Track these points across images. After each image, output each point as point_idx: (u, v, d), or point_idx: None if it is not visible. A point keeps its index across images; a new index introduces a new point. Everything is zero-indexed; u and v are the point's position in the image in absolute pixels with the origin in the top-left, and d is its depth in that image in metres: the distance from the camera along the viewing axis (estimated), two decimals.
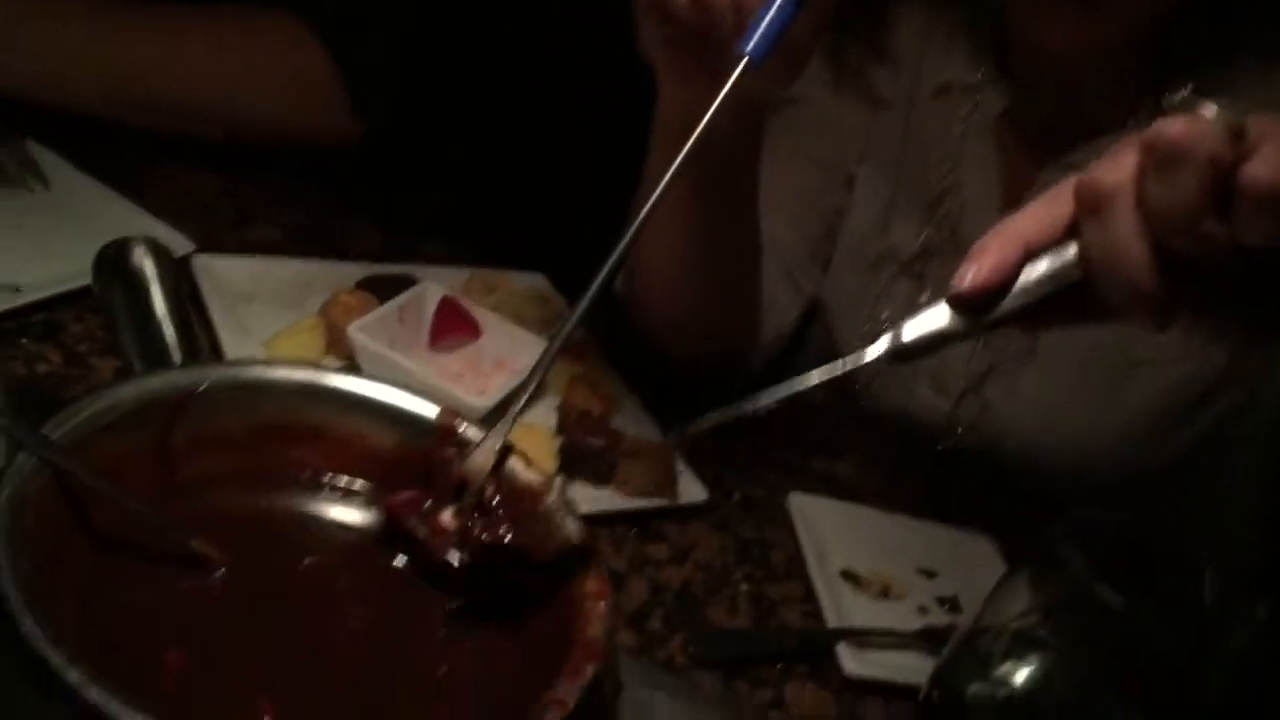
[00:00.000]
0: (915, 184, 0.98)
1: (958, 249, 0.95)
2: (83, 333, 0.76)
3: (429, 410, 0.51)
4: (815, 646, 0.72)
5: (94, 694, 0.33)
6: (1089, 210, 0.45)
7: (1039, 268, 0.46)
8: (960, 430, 0.99)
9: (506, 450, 0.49)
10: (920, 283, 0.98)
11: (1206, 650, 0.53)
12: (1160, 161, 0.42)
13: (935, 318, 0.47)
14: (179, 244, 0.86)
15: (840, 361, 0.49)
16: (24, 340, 0.74)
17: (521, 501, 0.48)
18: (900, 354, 0.48)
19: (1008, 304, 0.46)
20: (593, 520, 0.76)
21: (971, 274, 0.46)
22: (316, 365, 0.51)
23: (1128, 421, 0.95)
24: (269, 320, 0.82)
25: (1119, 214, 0.44)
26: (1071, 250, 0.46)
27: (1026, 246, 0.46)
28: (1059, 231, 0.46)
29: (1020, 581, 0.58)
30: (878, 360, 0.48)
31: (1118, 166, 0.44)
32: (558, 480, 0.75)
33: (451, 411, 0.51)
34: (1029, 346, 0.95)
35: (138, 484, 0.44)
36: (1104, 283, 0.45)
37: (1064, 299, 0.47)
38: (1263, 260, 0.43)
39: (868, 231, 1.01)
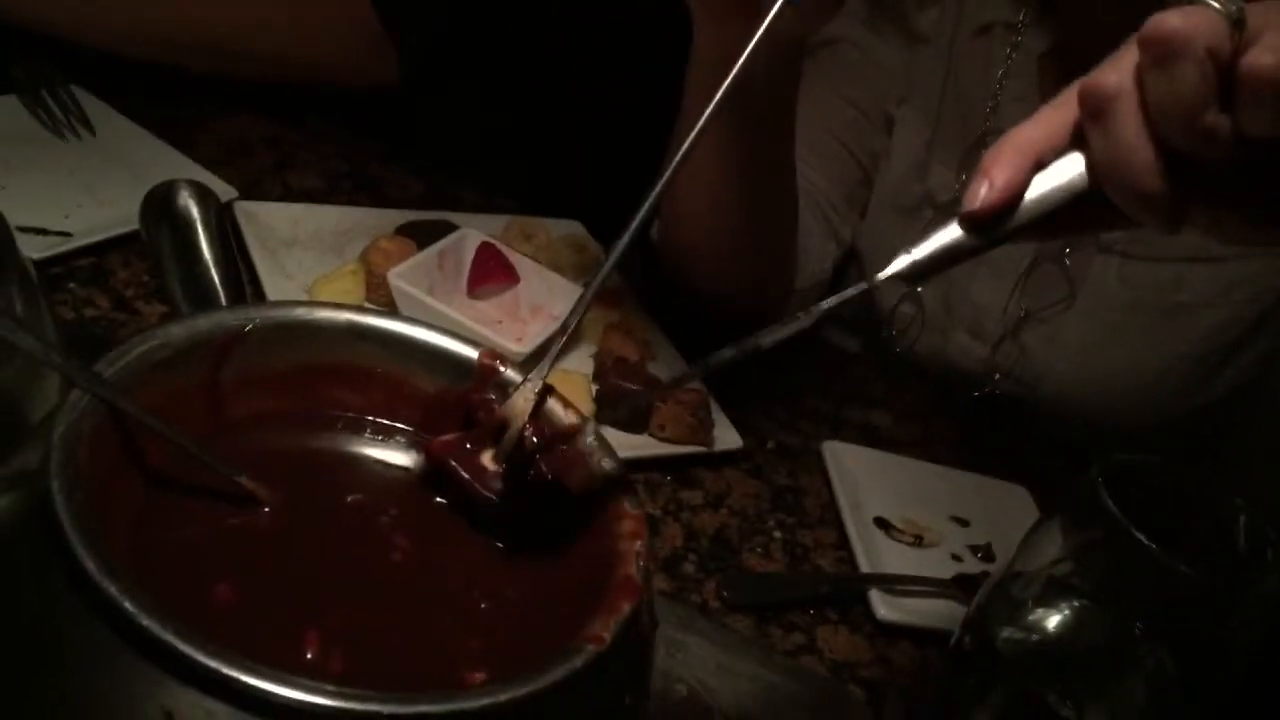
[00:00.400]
0: (954, 126, 0.97)
1: None
2: (130, 277, 0.77)
3: (470, 353, 0.52)
4: (848, 592, 0.73)
5: (149, 622, 0.34)
6: (1092, 114, 0.44)
7: (1048, 178, 0.46)
8: (998, 376, 0.99)
9: (545, 392, 0.50)
10: None
11: (1239, 594, 0.53)
12: (1158, 57, 0.41)
13: (947, 235, 0.47)
14: (222, 190, 0.87)
15: (855, 287, 0.49)
16: (72, 285, 0.75)
17: (560, 442, 0.49)
18: (913, 274, 0.47)
19: (1019, 217, 0.46)
20: (628, 466, 0.77)
21: (984, 191, 0.45)
22: (361, 307, 0.51)
23: (1165, 367, 0.94)
24: (310, 266, 0.83)
25: (1121, 115, 0.43)
26: (1079, 158, 0.45)
27: (1035, 158, 0.45)
28: (1066, 139, 0.45)
29: (1054, 528, 0.59)
30: (892, 279, 0.48)
31: (1118, 67, 0.43)
32: (595, 420, 0.77)
33: (492, 353, 0.52)
34: (1068, 292, 0.94)
35: (187, 422, 0.45)
36: (1112, 188, 0.44)
37: (1075, 207, 0.46)
38: (1268, 153, 0.42)
39: (905, 175, 1.00)
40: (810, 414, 0.92)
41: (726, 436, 0.81)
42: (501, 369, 0.51)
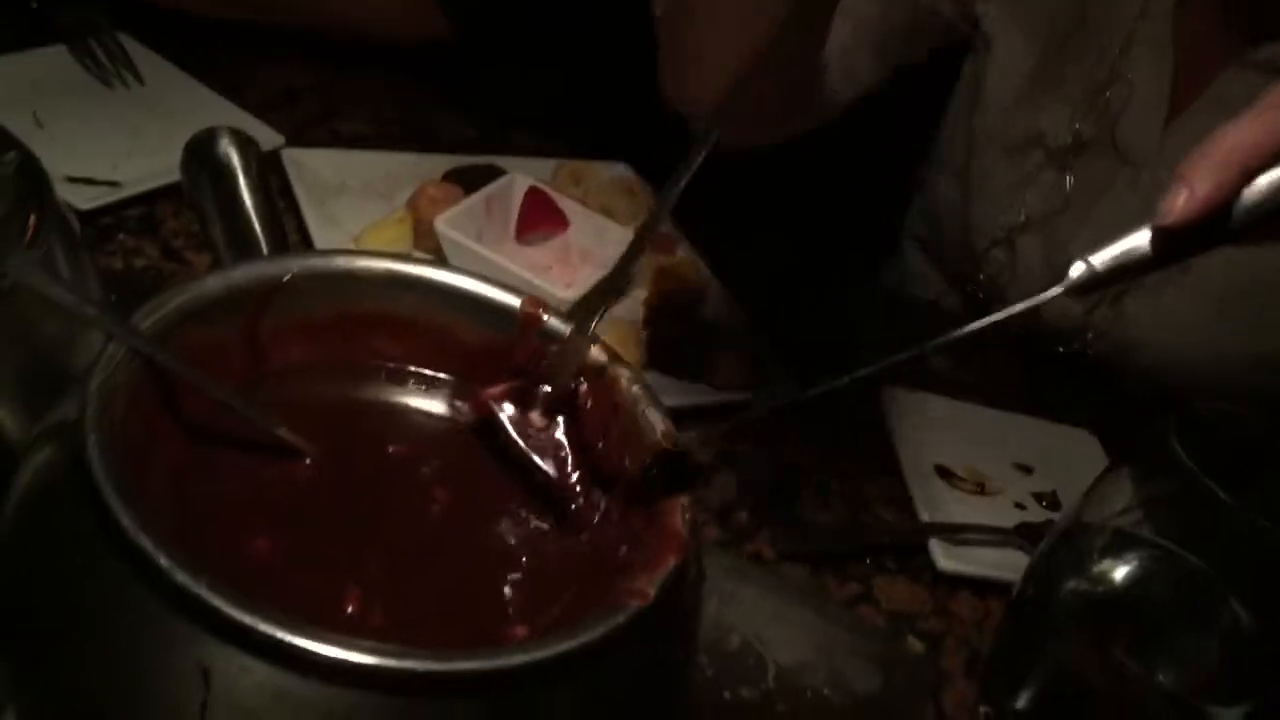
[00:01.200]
0: (1073, 65, 0.91)
1: (1114, 147, 0.90)
2: (179, 227, 0.77)
3: (514, 301, 0.50)
4: (906, 542, 0.72)
5: (184, 578, 0.33)
6: None
7: (1257, 189, 0.41)
8: (1090, 336, 0.95)
9: (591, 343, 0.48)
10: (1065, 176, 0.93)
11: None
12: None
13: (1133, 244, 0.42)
14: (269, 138, 0.86)
15: (1021, 304, 0.45)
16: (122, 235, 0.75)
17: (606, 393, 0.48)
18: (1092, 285, 0.43)
19: (1220, 229, 0.42)
20: (680, 414, 0.76)
21: (1182, 202, 0.41)
22: (401, 255, 0.50)
23: (1271, 351, 0.90)
24: (358, 213, 0.82)
25: None
26: None
27: (1243, 167, 0.41)
28: None
29: (1123, 477, 0.56)
30: (1064, 293, 0.44)
31: None
32: (642, 372, 0.76)
33: (535, 301, 0.50)
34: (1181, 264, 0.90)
35: (226, 373, 0.45)
36: None
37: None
38: None
39: (1010, 108, 0.95)
40: (868, 361, 0.89)
41: (782, 384, 0.79)
42: (545, 317, 0.50)
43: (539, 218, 0.83)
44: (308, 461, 0.44)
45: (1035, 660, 0.57)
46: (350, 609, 0.39)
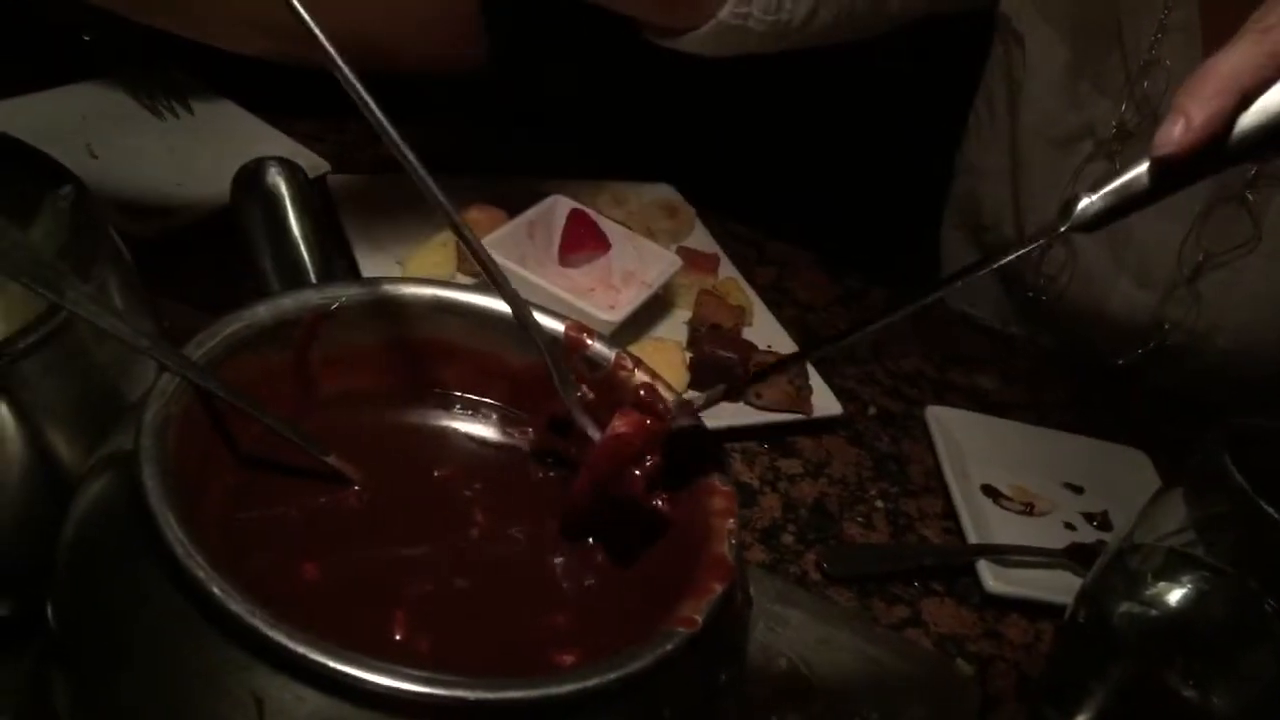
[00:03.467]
0: (1107, 56, 0.91)
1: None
2: (230, 255, 0.78)
3: (558, 326, 0.51)
4: (954, 564, 0.71)
5: (238, 607, 0.34)
6: None
7: (1253, 114, 0.41)
8: (1166, 326, 0.94)
9: (635, 364, 0.49)
10: (1116, 165, 0.91)
11: None
12: None
13: (1133, 176, 0.42)
14: (316, 164, 0.88)
15: (1034, 243, 0.44)
16: (174, 263, 0.76)
17: (649, 417, 0.48)
18: (1089, 224, 0.43)
19: (1218, 157, 0.41)
20: (725, 435, 0.76)
21: (1180, 130, 0.41)
22: (446, 283, 0.51)
23: None
24: (403, 237, 0.83)
25: None
26: None
27: (1240, 93, 0.41)
28: (1276, 71, 0.41)
29: (1176, 497, 0.55)
30: (1065, 233, 0.44)
31: None
32: (687, 395, 0.76)
33: (579, 326, 0.51)
34: (1253, 233, 0.88)
35: (276, 401, 0.45)
36: None
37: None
38: None
39: (1053, 102, 0.95)
40: (913, 378, 0.89)
41: (825, 403, 0.79)
42: (589, 342, 0.50)
43: (581, 240, 0.84)
44: (355, 488, 0.45)
45: (1088, 684, 0.57)
46: (398, 635, 0.39)
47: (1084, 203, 0.43)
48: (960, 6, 1.02)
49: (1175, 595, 0.55)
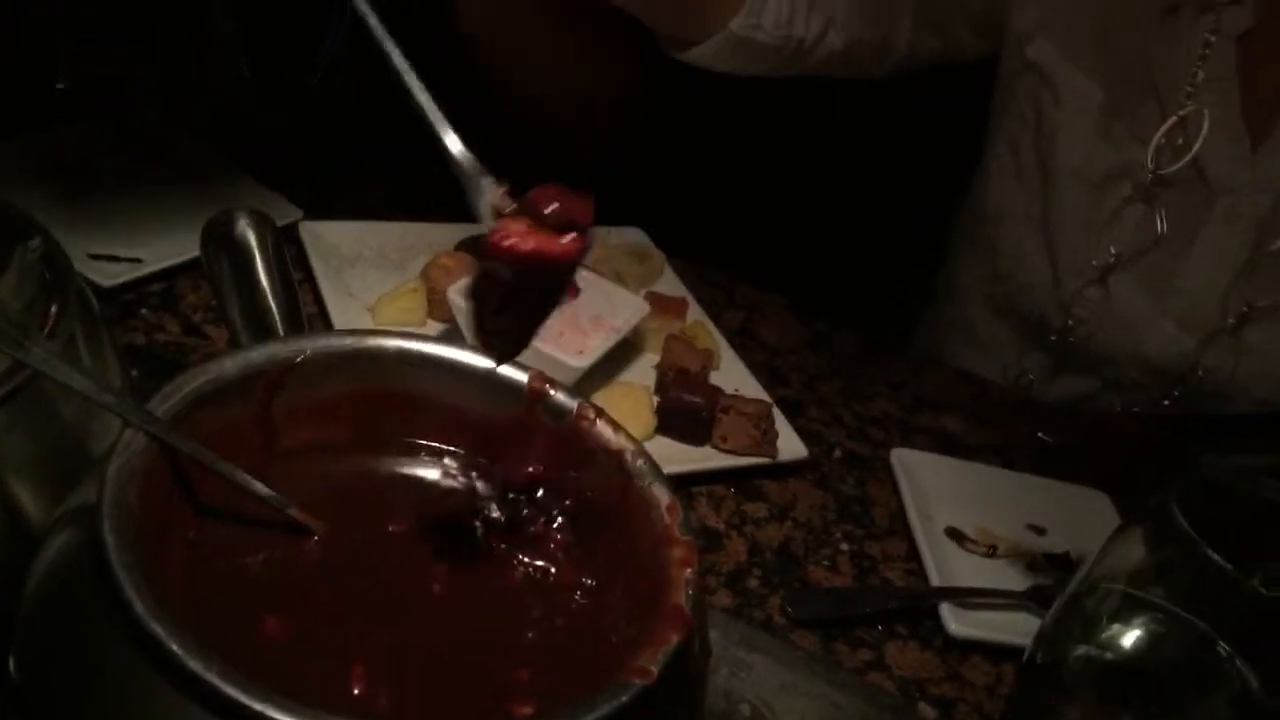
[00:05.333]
0: (1141, 99, 0.92)
1: (1202, 180, 0.90)
2: (199, 301, 0.79)
3: (521, 376, 0.51)
4: (918, 607, 0.72)
5: (195, 665, 0.34)
6: None
7: None
8: (1201, 373, 0.94)
9: (595, 414, 0.50)
10: (1154, 211, 0.93)
11: None
12: None
13: None
14: (288, 211, 0.88)
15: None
16: (144, 310, 0.77)
17: (608, 466, 0.49)
18: None
19: None
20: (691, 479, 0.77)
21: None
22: (411, 334, 0.52)
23: None
24: (374, 284, 0.84)
25: None
26: None
27: None
28: None
29: (1132, 539, 0.56)
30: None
31: None
32: (644, 444, 0.77)
33: (541, 376, 0.51)
34: None
35: (241, 453, 0.46)
36: None
37: None
38: None
39: (1089, 144, 0.95)
40: (880, 421, 0.90)
41: (791, 446, 0.80)
42: (551, 392, 0.51)
43: None
44: (317, 539, 0.45)
45: None
46: (357, 689, 0.40)
47: None
48: (971, 54, 1.03)
49: (1130, 638, 0.56)
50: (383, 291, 0.82)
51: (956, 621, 0.70)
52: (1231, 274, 0.91)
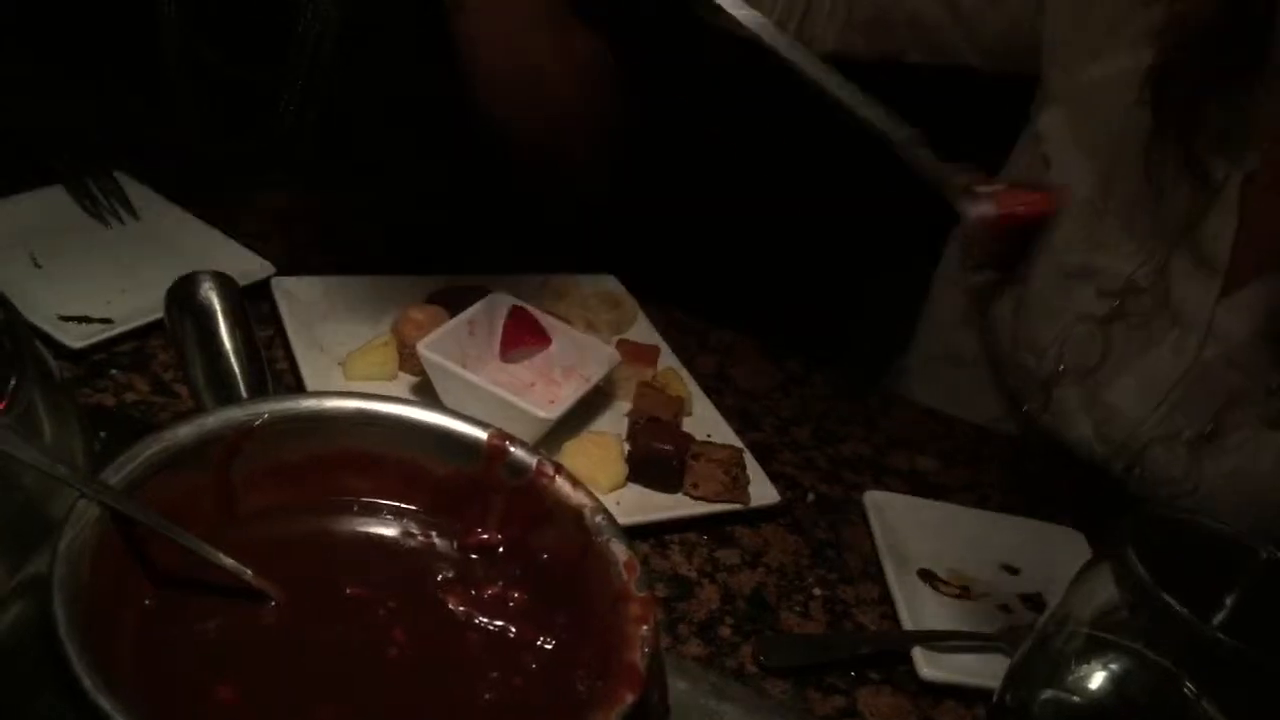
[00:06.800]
0: (1136, 208, 0.89)
1: (1167, 305, 0.88)
2: (169, 360, 0.79)
3: (480, 434, 0.52)
4: (890, 651, 0.72)
5: None
6: None
7: None
8: (1137, 470, 0.93)
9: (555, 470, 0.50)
10: (1110, 324, 0.91)
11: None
12: None
13: None
14: (261, 267, 0.89)
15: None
16: (114, 371, 0.77)
17: (567, 524, 0.49)
18: None
19: None
20: (663, 527, 0.77)
21: None
22: (369, 395, 0.52)
23: None
24: (345, 338, 0.84)
25: None
26: None
27: None
28: None
29: (1096, 579, 0.57)
30: None
31: None
32: (617, 492, 0.77)
33: (500, 434, 0.52)
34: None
35: (199, 519, 0.46)
36: None
37: None
38: None
39: (1073, 231, 0.92)
40: (853, 462, 0.91)
41: (763, 492, 0.80)
42: (510, 449, 0.51)
43: (521, 336, 0.85)
44: (274, 604, 0.45)
45: None
46: None
47: None
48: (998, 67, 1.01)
49: (1095, 679, 0.56)
50: (354, 346, 0.83)
51: (929, 665, 0.70)
52: (1157, 401, 0.90)
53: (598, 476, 0.77)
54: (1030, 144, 0.98)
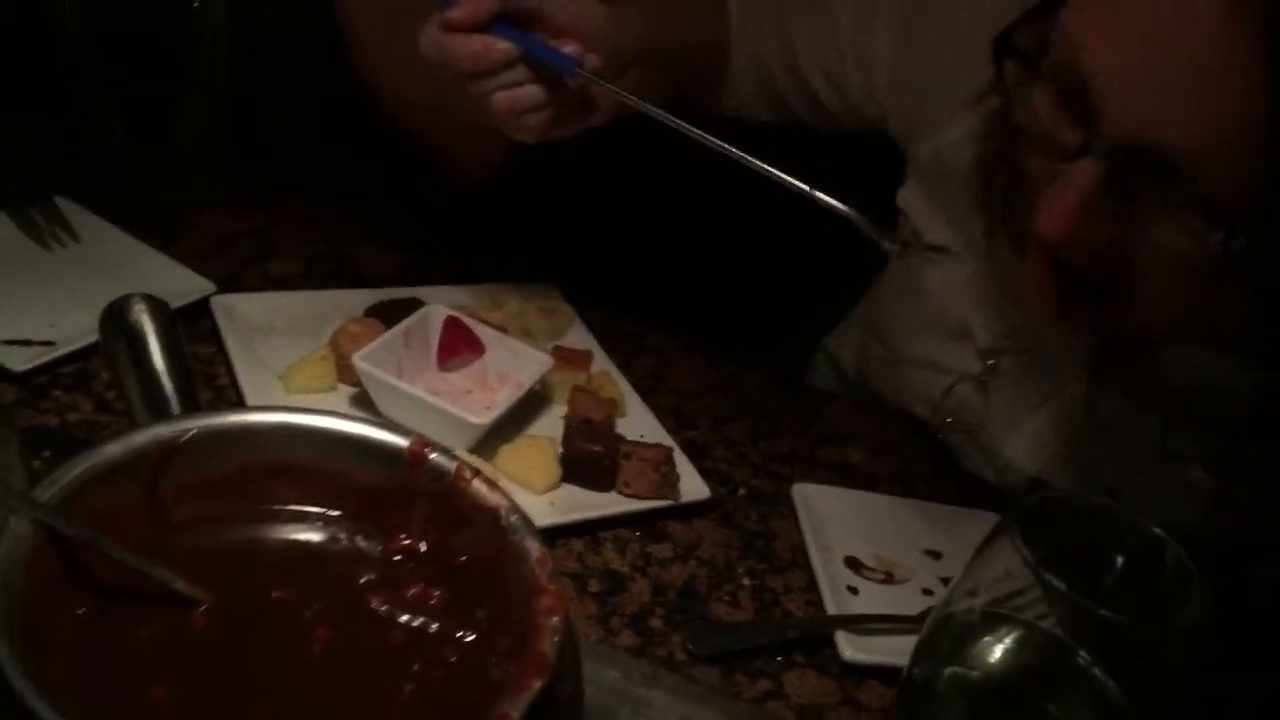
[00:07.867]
0: (992, 276, 0.89)
1: (1041, 366, 0.87)
2: (111, 381, 0.81)
3: (402, 442, 0.55)
4: (815, 636, 0.75)
5: None
6: None
7: None
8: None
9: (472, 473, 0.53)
10: (987, 387, 0.90)
11: (1163, 627, 0.54)
12: None
13: None
14: (201, 286, 0.91)
15: None
16: (57, 392, 0.79)
17: (484, 524, 0.52)
18: None
19: None
20: (597, 525, 0.80)
21: None
22: (293, 408, 0.55)
23: None
24: (285, 353, 0.86)
25: None
26: None
27: None
28: None
29: (992, 558, 0.60)
30: None
31: None
32: (551, 492, 0.80)
33: (422, 441, 0.55)
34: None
35: (129, 532, 0.49)
36: None
37: None
38: None
39: (952, 296, 0.92)
40: (784, 457, 0.94)
41: (694, 488, 0.83)
42: (431, 456, 0.54)
43: (456, 346, 0.88)
44: (203, 609, 0.48)
45: None
46: None
47: None
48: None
49: (993, 653, 0.60)
50: (294, 360, 0.85)
51: (851, 648, 0.74)
52: (1047, 458, 0.89)
53: (533, 478, 0.80)
54: (902, 219, 0.96)
